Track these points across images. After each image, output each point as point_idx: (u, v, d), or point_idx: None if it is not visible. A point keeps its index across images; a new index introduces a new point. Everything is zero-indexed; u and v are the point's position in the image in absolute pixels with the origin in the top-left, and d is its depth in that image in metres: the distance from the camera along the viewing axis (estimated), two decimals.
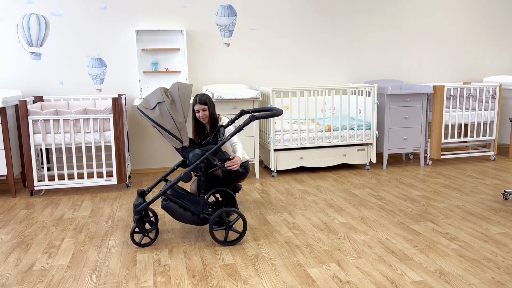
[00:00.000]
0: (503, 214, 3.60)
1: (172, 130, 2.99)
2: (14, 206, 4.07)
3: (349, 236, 3.21)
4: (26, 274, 2.72)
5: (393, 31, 5.76)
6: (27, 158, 4.17)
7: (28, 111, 4.10)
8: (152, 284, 2.57)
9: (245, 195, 4.28)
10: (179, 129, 3.01)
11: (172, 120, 2.97)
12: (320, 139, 4.95)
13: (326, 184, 4.60)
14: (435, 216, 3.58)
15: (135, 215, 3.02)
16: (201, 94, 3.42)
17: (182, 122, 3.01)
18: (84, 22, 4.90)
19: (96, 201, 4.18)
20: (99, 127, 4.26)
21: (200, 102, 3.38)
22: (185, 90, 3.05)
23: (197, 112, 3.42)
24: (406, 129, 5.16)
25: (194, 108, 3.42)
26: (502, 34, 6.16)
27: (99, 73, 5.01)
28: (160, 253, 2.99)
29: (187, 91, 3.06)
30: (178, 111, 2.99)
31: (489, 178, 4.71)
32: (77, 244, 3.17)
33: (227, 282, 2.57)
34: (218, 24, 5.24)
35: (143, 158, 5.28)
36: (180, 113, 2.99)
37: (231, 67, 5.34)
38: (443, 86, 5.08)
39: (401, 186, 4.46)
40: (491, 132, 5.48)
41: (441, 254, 2.87)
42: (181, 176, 2.99)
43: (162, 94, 2.98)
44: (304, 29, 5.48)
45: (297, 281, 2.57)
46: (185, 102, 3.03)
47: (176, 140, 3.03)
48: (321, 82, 5.65)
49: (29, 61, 4.83)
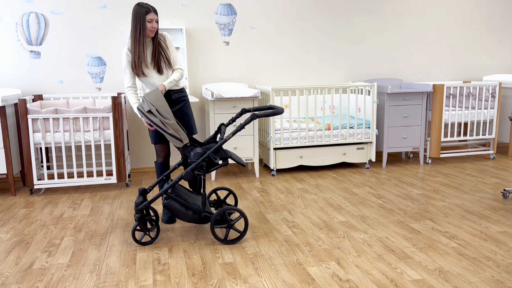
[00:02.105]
0: (502, 212, 3.61)
1: (171, 132, 3.03)
2: (14, 204, 4.07)
3: (349, 234, 3.21)
4: (26, 272, 2.72)
5: (393, 30, 5.76)
6: (27, 156, 4.16)
7: (27, 110, 4.10)
8: (152, 283, 2.57)
9: (245, 193, 4.29)
10: (175, 130, 3.04)
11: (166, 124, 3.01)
12: (319, 138, 4.95)
13: (325, 182, 4.60)
14: (434, 215, 3.58)
15: (136, 214, 3.02)
16: (146, 3, 3.24)
17: (174, 123, 3.04)
18: (84, 21, 4.89)
19: (96, 199, 4.19)
20: (98, 125, 4.26)
21: (155, 12, 3.21)
22: (155, 95, 3.05)
23: (149, 22, 3.19)
24: (406, 127, 5.16)
25: (147, 17, 3.18)
26: (502, 33, 6.16)
27: (99, 72, 5.01)
28: (160, 251, 2.99)
29: (157, 94, 3.05)
30: (165, 115, 3.03)
31: (489, 176, 4.71)
32: (77, 242, 3.17)
33: (227, 280, 2.57)
34: (218, 23, 5.23)
35: (142, 157, 5.28)
36: (168, 116, 3.03)
37: (230, 66, 5.34)
38: (442, 84, 5.08)
39: (400, 185, 4.47)
40: (490, 131, 5.48)
41: (441, 253, 2.88)
42: (182, 175, 3.00)
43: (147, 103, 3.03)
44: (304, 28, 5.48)
45: (296, 279, 2.57)
46: (164, 104, 3.04)
47: (177, 140, 3.06)
48: (321, 80, 5.65)
49: (28, 59, 4.83)
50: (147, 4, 3.23)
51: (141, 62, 3.25)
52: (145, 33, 3.23)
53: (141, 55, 3.24)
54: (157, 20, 3.24)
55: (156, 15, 3.23)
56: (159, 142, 3.42)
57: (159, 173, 3.50)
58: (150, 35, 3.26)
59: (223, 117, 4.72)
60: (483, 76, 6.18)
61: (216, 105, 4.67)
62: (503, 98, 5.76)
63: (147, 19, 3.19)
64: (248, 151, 4.79)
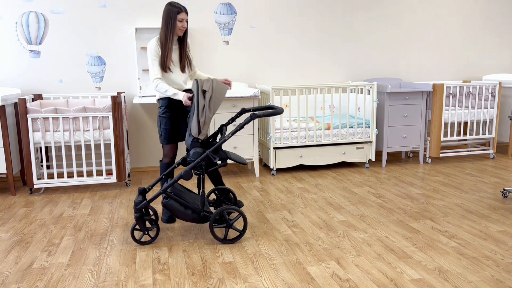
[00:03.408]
0: (502, 212, 3.61)
1: (201, 120, 3.06)
2: (14, 204, 4.07)
3: (349, 234, 3.21)
4: (26, 272, 2.72)
5: (392, 29, 5.76)
6: (27, 156, 4.16)
7: (27, 109, 4.10)
8: (151, 282, 2.57)
9: (245, 193, 4.29)
10: (204, 122, 3.06)
11: (204, 112, 3.04)
12: (319, 137, 4.95)
13: (325, 182, 4.60)
14: (434, 214, 3.58)
15: (136, 213, 3.02)
16: (178, 3, 3.34)
17: (210, 118, 3.07)
18: (83, 20, 4.89)
19: (96, 199, 4.19)
20: (98, 125, 4.26)
21: (186, 12, 3.34)
22: (221, 90, 3.10)
23: (180, 21, 3.32)
24: (406, 127, 5.16)
25: (178, 17, 3.30)
26: (502, 32, 6.16)
27: (99, 71, 5.01)
28: (160, 251, 2.99)
29: (223, 91, 3.11)
30: (211, 107, 3.06)
31: (489, 176, 4.71)
32: (77, 242, 3.17)
33: (227, 280, 2.57)
34: (218, 22, 5.23)
35: (142, 156, 5.28)
36: (212, 110, 3.06)
37: (230, 65, 5.33)
38: (442, 84, 5.08)
39: (400, 184, 4.47)
40: (490, 130, 5.48)
41: (440, 252, 2.88)
42: (181, 174, 3.00)
43: (210, 87, 3.06)
44: (304, 27, 5.48)
45: (296, 279, 2.57)
46: (219, 100, 3.09)
47: (197, 129, 3.07)
48: (321, 80, 5.65)
49: (28, 59, 4.82)
50: (178, 4, 3.33)
51: (169, 58, 3.34)
52: (175, 32, 3.33)
53: (169, 52, 3.33)
54: (187, 20, 3.36)
55: (187, 15, 3.35)
56: (170, 142, 3.44)
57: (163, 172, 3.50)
58: (179, 33, 3.36)
59: (222, 116, 4.72)
60: (483, 75, 6.18)
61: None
62: (503, 98, 5.76)
63: (178, 19, 3.31)
64: (248, 150, 4.79)
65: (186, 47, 3.45)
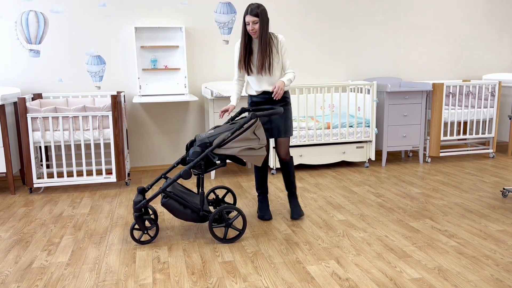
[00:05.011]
0: (501, 211, 3.61)
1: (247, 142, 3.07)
2: (13, 203, 4.07)
3: (348, 233, 3.22)
4: (26, 271, 2.72)
5: (392, 28, 5.76)
6: (26, 155, 4.16)
7: (27, 109, 4.10)
8: (151, 281, 2.57)
9: (244, 192, 4.29)
10: (228, 147, 3.04)
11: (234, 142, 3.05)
12: (319, 137, 4.95)
13: (325, 181, 4.60)
14: (434, 214, 3.58)
15: (135, 212, 3.02)
16: (255, 5, 3.17)
17: (234, 150, 3.05)
18: (83, 19, 4.89)
19: (95, 198, 4.19)
20: (98, 124, 4.26)
21: (251, 14, 3.14)
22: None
23: (247, 25, 3.18)
24: (405, 126, 5.16)
25: (245, 20, 3.18)
26: (502, 32, 6.16)
27: (98, 71, 5.00)
28: (160, 250, 2.99)
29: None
30: (259, 136, 3.12)
31: (488, 175, 4.71)
32: (76, 241, 3.17)
33: (226, 279, 2.58)
34: (218, 22, 5.23)
35: (142, 156, 5.27)
36: (256, 139, 3.10)
37: (230, 65, 5.33)
38: (442, 83, 5.08)
39: (400, 184, 4.47)
40: (490, 130, 5.48)
41: (440, 251, 2.88)
42: (180, 173, 3.00)
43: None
44: (304, 27, 5.48)
45: (296, 278, 2.57)
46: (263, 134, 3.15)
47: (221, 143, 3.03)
48: (321, 79, 5.64)
49: (28, 58, 4.82)
50: (250, 5, 3.18)
51: (245, 59, 3.29)
52: (247, 33, 3.24)
53: (245, 53, 3.27)
54: (255, 22, 3.16)
55: (252, 17, 3.15)
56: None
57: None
58: (252, 35, 3.24)
59: None
60: (482, 75, 6.18)
61: (216, 103, 4.67)
62: (503, 97, 5.76)
63: (246, 21, 3.20)
64: None
65: (263, 48, 3.22)
